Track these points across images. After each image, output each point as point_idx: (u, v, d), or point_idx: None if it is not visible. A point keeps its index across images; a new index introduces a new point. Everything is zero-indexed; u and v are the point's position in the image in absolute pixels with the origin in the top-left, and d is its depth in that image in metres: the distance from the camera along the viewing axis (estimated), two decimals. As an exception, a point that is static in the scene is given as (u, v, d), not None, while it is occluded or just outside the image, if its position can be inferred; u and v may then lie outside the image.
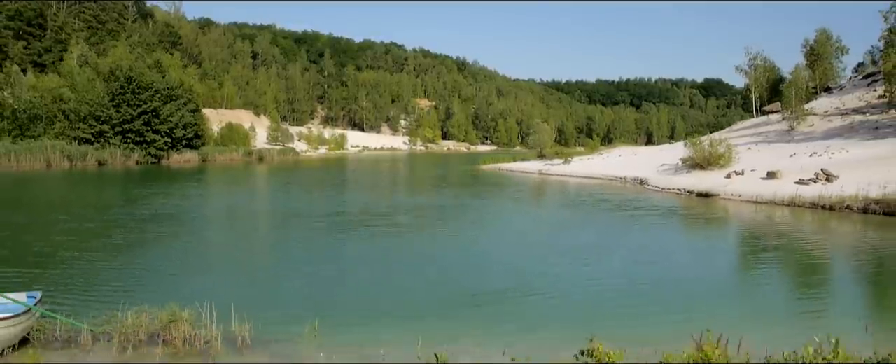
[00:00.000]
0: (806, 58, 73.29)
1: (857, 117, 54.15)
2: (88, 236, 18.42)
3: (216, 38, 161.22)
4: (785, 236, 20.84)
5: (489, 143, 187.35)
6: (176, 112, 63.27)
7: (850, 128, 50.88)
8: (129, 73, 60.50)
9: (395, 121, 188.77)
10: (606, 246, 18.53)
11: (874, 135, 46.26)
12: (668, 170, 43.62)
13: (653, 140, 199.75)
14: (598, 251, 17.46)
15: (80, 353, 7.96)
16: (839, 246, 19.45)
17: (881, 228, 21.94)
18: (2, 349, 7.57)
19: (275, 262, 15.64)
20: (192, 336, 8.18)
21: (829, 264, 16.35)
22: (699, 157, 39.95)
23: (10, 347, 7.71)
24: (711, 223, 25.61)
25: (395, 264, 15.28)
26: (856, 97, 63.25)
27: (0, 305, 7.86)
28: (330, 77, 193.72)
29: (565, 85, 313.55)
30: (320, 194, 37.23)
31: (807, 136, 51.92)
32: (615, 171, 48.36)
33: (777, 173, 33.27)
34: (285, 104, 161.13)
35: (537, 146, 65.38)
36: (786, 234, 21.29)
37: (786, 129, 56.36)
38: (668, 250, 18.25)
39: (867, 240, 20.24)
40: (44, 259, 14.49)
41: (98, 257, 14.87)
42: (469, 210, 27.69)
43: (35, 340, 8.20)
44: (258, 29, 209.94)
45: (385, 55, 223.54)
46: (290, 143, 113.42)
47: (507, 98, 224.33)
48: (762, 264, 16.27)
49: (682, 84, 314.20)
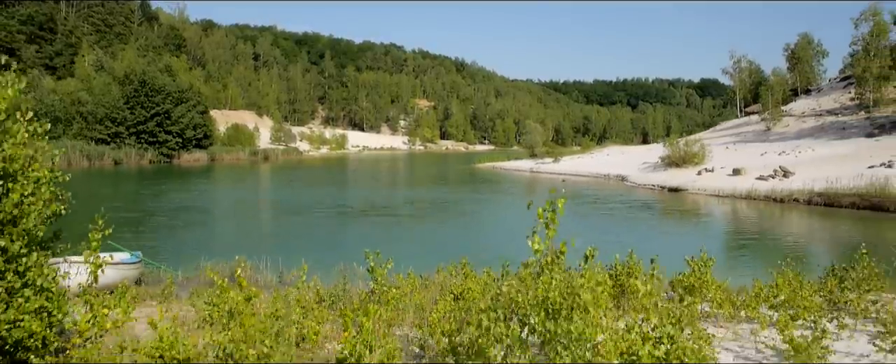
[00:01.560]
0: (787, 61, 76.74)
1: (830, 118, 57.57)
2: (141, 220, 21.80)
3: (219, 40, 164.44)
4: (721, 216, 24.37)
5: (487, 143, 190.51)
6: (186, 114, 66.65)
7: (821, 128, 54.31)
8: (143, 76, 63.89)
9: (394, 121, 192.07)
10: (574, 230, 21.91)
11: (841, 135, 49.67)
12: (647, 168, 47.02)
13: (648, 139, 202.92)
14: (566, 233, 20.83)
15: (176, 289, 11.36)
16: (752, 222, 23.17)
17: (808, 214, 25.54)
18: (130, 285, 11.00)
19: (299, 239, 19.02)
20: (254, 278, 11.55)
21: (728, 234, 19.79)
22: (675, 155, 43.33)
23: (133, 284, 11.09)
24: (669, 213, 29.07)
25: (394, 242, 18.67)
26: (832, 99, 66.69)
27: (123, 256, 11.26)
28: (330, 78, 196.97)
29: (563, 85, 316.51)
30: (328, 190, 40.60)
31: (781, 136, 55.32)
32: (601, 169, 51.72)
33: (741, 170, 36.68)
34: (286, 104, 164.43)
35: (529, 146, 68.98)
36: (722, 216, 24.83)
37: (763, 130, 59.82)
38: (623, 229, 21.66)
39: (777, 219, 23.91)
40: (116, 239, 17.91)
41: (164, 234, 18.26)
42: (463, 203, 31.09)
43: (145, 281, 11.61)
44: (259, 30, 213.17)
45: (384, 56, 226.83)
46: (292, 143, 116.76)
47: (505, 98, 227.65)
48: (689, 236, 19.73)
49: (678, 84, 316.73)
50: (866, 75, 55.40)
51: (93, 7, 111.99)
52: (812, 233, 23.01)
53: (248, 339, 4.13)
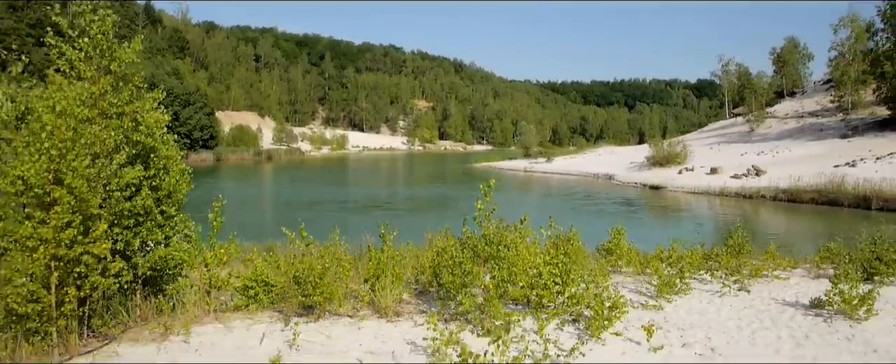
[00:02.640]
0: (773, 63, 79.50)
1: (810, 120, 60.30)
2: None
3: (220, 42, 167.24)
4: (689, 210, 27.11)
5: (485, 143, 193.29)
6: (194, 115, 69.33)
7: (800, 130, 57.04)
8: (152, 80, 66.49)
9: (393, 121, 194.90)
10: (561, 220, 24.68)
11: (818, 136, 52.37)
12: (634, 167, 49.72)
13: (645, 139, 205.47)
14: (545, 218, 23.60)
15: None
16: (714, 214, 26.10)
17: (771, 209, 28.33)
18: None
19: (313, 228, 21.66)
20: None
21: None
22: (658, 156, 46.04)
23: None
24: (644, 207, 31.81)
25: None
26: (814, 101, 69.37)
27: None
28: (330, 79, 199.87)
29: (560, 86, 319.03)
30: (333, 188, 43.30)
31: (763, 137, 58.02)
32: (591, 169, 54.43)
33: (718, 169, 39.40)
34: (287, 105, 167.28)
35: (524, 146, 71.78)
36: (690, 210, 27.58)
37: (747, 131, 62.53)
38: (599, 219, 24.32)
39: (736, 212, 26.72)
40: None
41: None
42: (458, 200, 33.78)
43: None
44: (260, 32, 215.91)
45: (384, 57, 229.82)
46: (294, 143, 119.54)
47: (504, 99, 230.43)
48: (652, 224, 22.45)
49: (675, 85, 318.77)
50: (845, 79, 58.11)
51: (98, 11, 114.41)
52: (759, 222, 25.73)
53: (310, 269, 6.75)
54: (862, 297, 6.83)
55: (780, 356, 5.77)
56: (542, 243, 8.87)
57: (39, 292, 5.15)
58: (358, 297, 7.16)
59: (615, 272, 9.45)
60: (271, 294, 6.98)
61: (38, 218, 5.14)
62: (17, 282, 5.11)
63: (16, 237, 5.18)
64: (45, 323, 5.24)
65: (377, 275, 6.71)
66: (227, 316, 6.58)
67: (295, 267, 6.85)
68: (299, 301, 6.69)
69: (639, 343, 5.90)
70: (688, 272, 8.49)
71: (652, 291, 8.02)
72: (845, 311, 6.91)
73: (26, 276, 5.16)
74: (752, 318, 6.96)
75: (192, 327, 6.00)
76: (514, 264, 6.33)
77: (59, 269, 5.23)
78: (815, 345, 6.06)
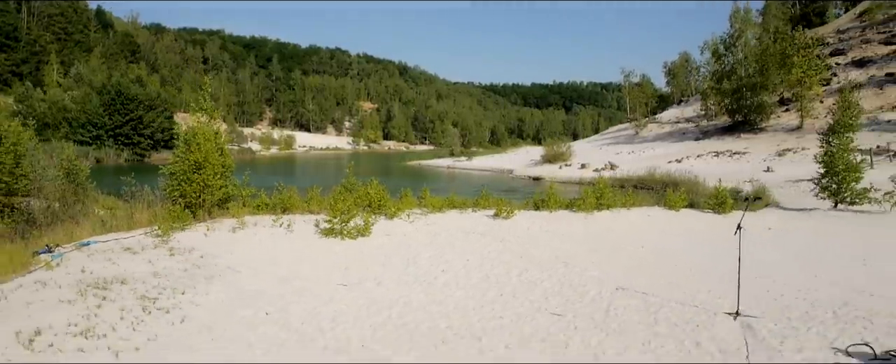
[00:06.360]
0: (665, 75, 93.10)
1: (682, 125, 73.25)
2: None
3: (169, 45, 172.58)
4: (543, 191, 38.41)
5: (428, 143, 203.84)
6: (156, 119, 77.37)
7: (670, 134, 69.81)
8: (118, 87, 74.42)
9: (339, 122, 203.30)
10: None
11: (680, 139, 65.06)
12: (531, 164, 61.22)
13: (578, 139, 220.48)
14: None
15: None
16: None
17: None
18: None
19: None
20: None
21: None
22: (549, 154, 57.51)
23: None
24: (520, 190, 42.97)
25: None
26: (693, 109, 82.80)
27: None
28: (278, 81, 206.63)
29: (502, 88, 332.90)
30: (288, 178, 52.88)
31: (643, 140, 70.51)
32: (501, 165, 65.67)
33: (587, 165, 51.06)
34: (236, 107, 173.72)
35: (449, 146, 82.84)
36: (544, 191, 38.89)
37: (633, 134, 75.12)
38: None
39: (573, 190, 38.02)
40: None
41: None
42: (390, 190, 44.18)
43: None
44: (208, 35, 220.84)
45: (330, 60, 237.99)
46: (244, 143, 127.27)
47: (447, 101, 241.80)
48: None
49: (610, 88, 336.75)
50: (709, 91, 71.30)
51: (53, 17, 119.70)
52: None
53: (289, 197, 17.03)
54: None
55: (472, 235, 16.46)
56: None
57: (193, 196, 15.39)
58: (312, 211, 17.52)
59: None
60: (266, 207, 17.31)
61: (194, 178, 15.38)
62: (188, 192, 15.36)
63: (186, 180, 15.39)
64: (196, 207, 15.48)
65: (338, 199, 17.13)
66: (253, 212, 16.92)
67: (277, 197, 17.17)
68: (281, 209, 17.04)
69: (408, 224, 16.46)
70: (460, 206, 19.13)
71: (494, 218, 18.68)
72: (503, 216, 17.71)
73: (191, 191, 15.40)
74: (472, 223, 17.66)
75: (243, 217, 16.27)
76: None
77: (201, 190, 15.48)
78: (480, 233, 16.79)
